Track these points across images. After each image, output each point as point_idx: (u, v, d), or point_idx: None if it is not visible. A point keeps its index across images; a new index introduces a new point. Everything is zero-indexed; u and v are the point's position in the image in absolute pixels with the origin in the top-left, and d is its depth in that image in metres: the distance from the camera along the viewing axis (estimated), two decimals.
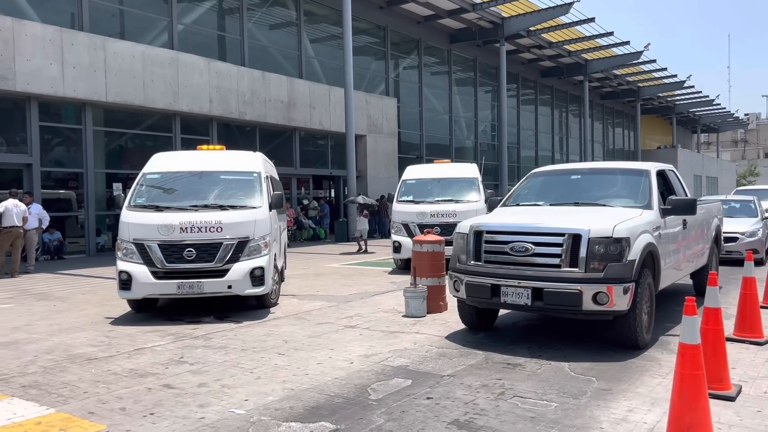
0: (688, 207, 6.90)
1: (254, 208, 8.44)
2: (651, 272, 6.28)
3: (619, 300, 5.67)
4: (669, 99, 53.69)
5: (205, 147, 10.11)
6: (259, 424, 4.29)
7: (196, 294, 7.96)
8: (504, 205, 7.68)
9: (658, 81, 46.62)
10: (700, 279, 8.81)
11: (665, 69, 43.63)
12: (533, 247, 5.99)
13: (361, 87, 25.50)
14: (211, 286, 7.95)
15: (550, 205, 7.26)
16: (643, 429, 4.11)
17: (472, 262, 6.38)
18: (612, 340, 6.22)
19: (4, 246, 12.72)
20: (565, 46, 35.46)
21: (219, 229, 8.00)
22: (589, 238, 5.78)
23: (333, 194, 27.40)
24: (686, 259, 7.80)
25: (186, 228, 7.93)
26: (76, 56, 15.96)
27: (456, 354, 6.10)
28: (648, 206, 6.74)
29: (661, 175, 7.81)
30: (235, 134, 21.37)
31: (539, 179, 8.07)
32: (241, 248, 8.08)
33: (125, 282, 7.92)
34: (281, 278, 10.04)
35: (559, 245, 5.89)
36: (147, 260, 7.90)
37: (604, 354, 5.99)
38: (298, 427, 4.23)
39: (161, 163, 9.14)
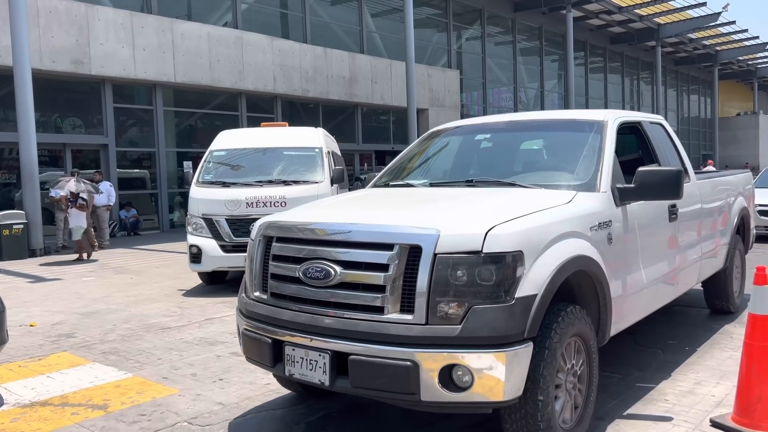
0: (666, 184, 3.82)
1: (316, 182, 8.60)
2: (590, 311, 3.53)
3: (495, 381, 2.85)
4: (750, 63, 50.70)
5: (267, 124, 10.36)
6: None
7: None
8: (374, 184, 4.84)
9: (737, 44, 44.02)
10: (716, 288, 6.12)
11: (746, 30, 41.10)
12: (339, 270, 3.15)
13: (422, 60, 25.26)
14: None
15: (430, 184, 4.49)
16: (711, 401, 4.00)
17: (256, 293, 3.60)
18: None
19: None
20: (636, 11, 33.94)
21: (283, 204, 8.18)
22: (435, 254, 2.95)
23: None
24: (681, 266, 4.88)
25: (252, 203, 8.17)
26: (146, 39, 16.51)
27: None
28: (589, 185, 3.84)
29: (633, 130, 4.82)
30: (299, 111, 21.68)
31: (439, 141, 5.16)
32: None
33: (195, 255, 8.26)
34: None
35: (383, 267, 3.04)
36: (215, 234, 8.20)
37: (673, 327, 5.83)
38: None
39: (227, 140, 9.42)
